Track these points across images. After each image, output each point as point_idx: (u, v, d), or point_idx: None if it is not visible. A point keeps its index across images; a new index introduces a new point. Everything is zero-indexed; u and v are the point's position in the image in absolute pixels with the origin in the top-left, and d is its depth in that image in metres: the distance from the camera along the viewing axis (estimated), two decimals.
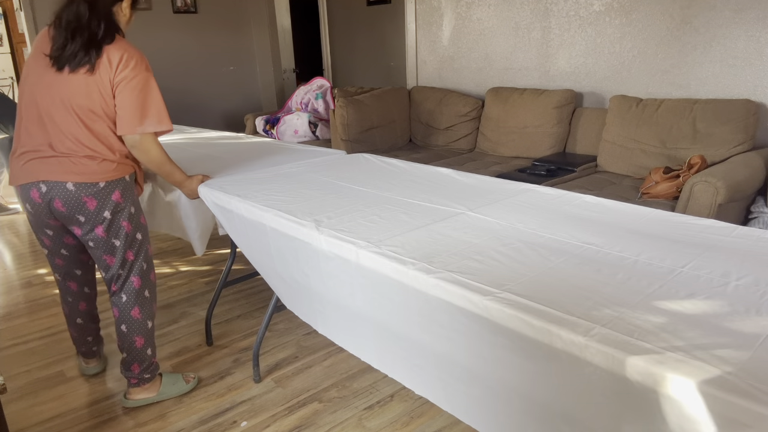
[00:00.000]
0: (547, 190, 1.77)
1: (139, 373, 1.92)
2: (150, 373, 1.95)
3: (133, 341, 1.88)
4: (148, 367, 1.93)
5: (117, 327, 1.87)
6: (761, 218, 2.50)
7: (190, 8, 5.43)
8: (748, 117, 2.75)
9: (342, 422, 1.85)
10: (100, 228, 1.75)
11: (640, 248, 1.29)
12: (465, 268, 1.21)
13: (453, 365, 1.22)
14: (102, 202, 1.73)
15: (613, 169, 3.22)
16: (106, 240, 1.77)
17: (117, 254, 1.80)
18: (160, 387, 1.98)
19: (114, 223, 1.77)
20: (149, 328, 1.91)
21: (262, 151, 2.58)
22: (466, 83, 4.32)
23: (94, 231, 1.75)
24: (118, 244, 1.79)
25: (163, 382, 2.00)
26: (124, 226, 1.79)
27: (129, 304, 1.85)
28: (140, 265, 1.86)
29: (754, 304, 1.02)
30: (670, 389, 0.84)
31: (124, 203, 1.78)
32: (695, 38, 3.01)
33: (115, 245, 1.79)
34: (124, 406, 1.96)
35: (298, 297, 1.73)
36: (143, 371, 1.92)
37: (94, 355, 2.15)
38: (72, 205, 1.70)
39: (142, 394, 1.95)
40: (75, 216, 1.72)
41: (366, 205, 1.69)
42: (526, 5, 3.76)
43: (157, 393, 1.97)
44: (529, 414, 1.10)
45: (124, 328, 1.86)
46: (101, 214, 1.73)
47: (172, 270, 3.18)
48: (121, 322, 1.86)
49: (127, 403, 1.96)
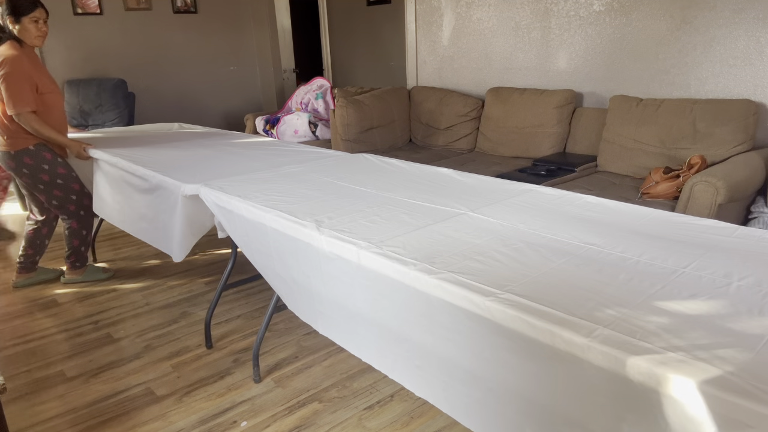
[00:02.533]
0: (549, 190, 1.77)
1: (74, 260, 2.98)
2: (80, 263, 3.01)
3: (72, 242, 2.92)
4: (79, 259, 2.99)
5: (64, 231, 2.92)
6: (761, 218, 2.50)
7: (190, 8, 5.43)
8: (748, 117, 2.75)
9: (342, 422, 1.85)
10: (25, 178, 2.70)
11: (642, 249, 1.29)
12: (466, 268, 1.21)
13: (454, 366, 1.22)
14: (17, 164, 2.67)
15: (613, 169, 3.22)
16: (34, 186, 2.73)
17: (45, 194, 2.75)
18: (84, 273, 3.03)
19: (33, 176, 2.69)
20: (84, 234, 2.93)
21: (262, 151, 2.58)
22: (466, 83, 4.32)
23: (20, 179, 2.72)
24: (42, 187, 2.73)
25: (88, 270, 3.05)
26: (42, 177, 2.70)
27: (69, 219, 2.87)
28: (67, 196, 2.79)
29: (756, 304, 1.02)
30: (672, 390, 0.84)
31: (35, 164, 2.67)
32: (695, 38, 3.01)
33: (41, 188, 2.73)
34: (63, 283, 3.01)
35: (298, 297, 1.73)
36: (76, 261, 2.98)
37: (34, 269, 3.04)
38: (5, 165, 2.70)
39: (73, 275, 3.02)
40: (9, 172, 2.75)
41: (367, 205, 1.69)
42: (526, 5, 3.76)
43: (82, 276, 3.03)
44: (530, 415, 1.09)
45: (67, 232, 2.90)
46: (21, 170, 2.67)
47: (172, 270, 3.18)
48: (65, 230, 2.89)
49: (65, 280, 3.02)
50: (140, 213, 2.36)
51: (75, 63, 4.91)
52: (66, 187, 2.77)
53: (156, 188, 2.19)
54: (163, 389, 2.07)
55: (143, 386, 2.09)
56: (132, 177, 2.34)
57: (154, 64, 5.38)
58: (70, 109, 4.70)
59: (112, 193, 2.57)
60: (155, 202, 2.22)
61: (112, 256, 3.42)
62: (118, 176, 2.47)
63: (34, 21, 2.53)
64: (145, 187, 2.26)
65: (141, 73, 5.30)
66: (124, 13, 5.09)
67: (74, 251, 2.95)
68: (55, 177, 2.73)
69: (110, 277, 3.09)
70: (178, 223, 2.07)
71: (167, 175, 2.12)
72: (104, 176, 2.61)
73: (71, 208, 2.82)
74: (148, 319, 2.61)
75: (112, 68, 5.13)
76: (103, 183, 2.64)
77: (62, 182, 2.75)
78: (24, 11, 2.51)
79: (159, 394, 2.04)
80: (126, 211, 2.48)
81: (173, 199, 2.07)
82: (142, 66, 5.30)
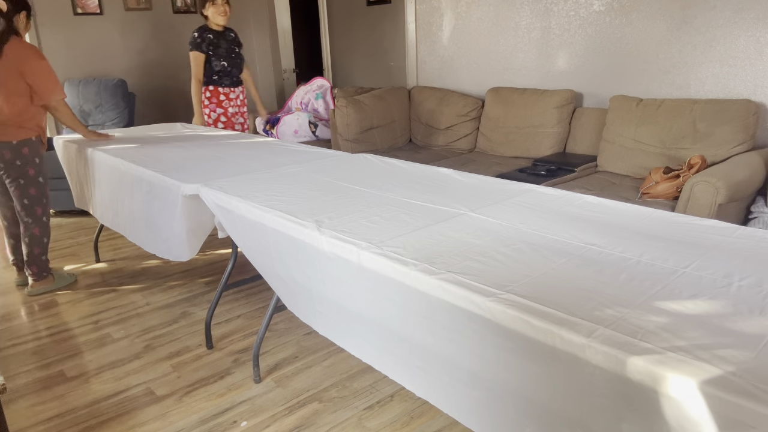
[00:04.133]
0: (549, 190, 1.77)
1: (37, 272, 2.87)
2: (46, 272, 2.91)
3: (32, 250, 2.83)
4: (42, 268, 2.89)
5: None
6: (761, 218, 2.50)
7: (190, 8, 5.43)
8: (748, 117, 2.75)
9: (342, 422, 1.85)
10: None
11: (643, 249, 1.29)
12: (467, 269, 1.21)
13: (454, 367, 1.22)
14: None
15: (613, 169, 3.22)
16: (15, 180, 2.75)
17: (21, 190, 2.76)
18: (54, 281, 2.94)
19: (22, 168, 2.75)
20: (45, 242, 2.86)
21: (262, 151, 2.58)
22: (466, 83, 4.32)
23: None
24: (23, 182, 2.75)
25: (56, 278, 2.96)
26: (29, 171, 2.75)
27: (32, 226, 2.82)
28: (39, 198, 2.80)
29: (757, 304, 1.02)
30: (673, 390, 0.84)
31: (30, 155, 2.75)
32: (695, 38, 3.01)
33: (20, 183, 2.75)
34: (28, 295, 2.89)
35: (298, 298, 1.72)
36: (40, 270, 2.88)
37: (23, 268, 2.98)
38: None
39: (40, 286, 2.91)
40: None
41: (367, 205, 1.69)
42: (526, 5, 3.76)
43: (53, 284, 2.94)
44: (530, 415, 1.09)
45: (27, 239, 2.82)
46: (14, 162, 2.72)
47: (172, 270, 3.18)
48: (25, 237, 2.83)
49: (30, 292, 2.89)
50: (136, 214, 2.35)
51: (75, 63, 4.90)
52: (42, 187, 2.83)
53: (155, 188, 2.19)
54: (163, 389, 2.07)
55: (143, 386, 2.09)
56: (131, 177, 2.34)
57: (154, 64, 5.37)
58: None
59: (111, 195, 2.57)
60: (155, 203, 2.22)
61: (112, 256, 3.42)
62: (116, 176, 2.47)
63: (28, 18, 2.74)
64: (145, 186, 2.26)
65: (141, 73, 5.29)
66: (124, 13, 5.08)
67: (35, 260, 2.85)
68: (38, 174, 2.80)
69: (75, 280, 3.06)
70: (179, 223, 2.07)
71: (167, 175, 2.12)
72: (103, 177, 2.61)
73: (38, 211, 2.82)
74: (148, 319, 2.61)
75: (112, 68, 5.13)
76: (102, 184, 2.64)
77: (42, 181, 2.82)
78: (29, 9, 2.73)
79: (159, 394, 2.04)
80: (125, 214, 2.48)
81: (173, 199, 2.07)
82: (142, 66, 5.29)
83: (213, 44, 3.63)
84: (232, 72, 3.74)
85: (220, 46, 3.65)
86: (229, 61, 3.70)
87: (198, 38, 3.61)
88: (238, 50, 3.78)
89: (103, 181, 2.62)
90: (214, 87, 3.70)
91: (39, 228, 2.83)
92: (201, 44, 3.60)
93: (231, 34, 3.76)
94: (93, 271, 3.20)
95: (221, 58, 3.66)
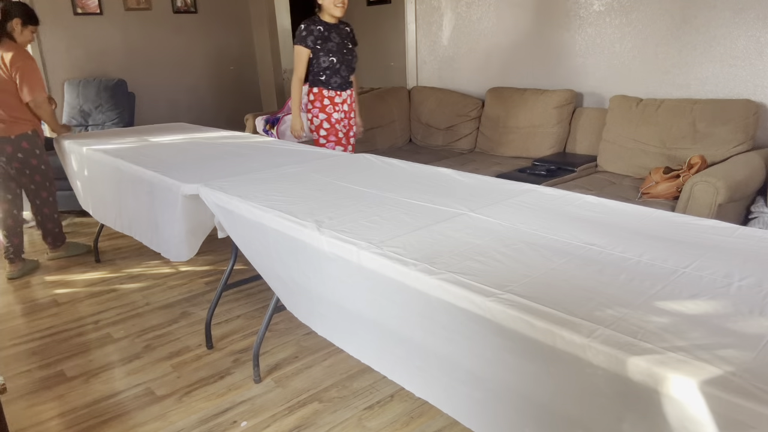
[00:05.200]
0: (549, 190, 1.77)
1: (53, 242, 3.32)
2: (60, 241, 3.35)
3: (46, 226, 3.26)
4: (57, 238, 3.34)
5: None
6: (761, 218, 2.50)
7: (190, 8, 5.43)
8: (748, 117, 2.75)
9: (342, 422, 1.85)
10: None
11: (643, 249, 1.29)
12: (467, 269, 1.21)
13: (454, 367, 1.22)
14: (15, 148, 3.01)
15: (613, 169, 3.22)
16: (21, 170, 3.05)
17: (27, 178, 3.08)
18: (68, 249, 3.39)
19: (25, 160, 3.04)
20: (55, 218, 3.28)
21: (263, 151, 2.57)
22: (466, 83, 4.32)
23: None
24: (28, 172, 3.06)
25: (69, 246, 3.40)
26: (32, 161, 3.05)
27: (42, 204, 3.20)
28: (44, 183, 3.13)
29: (757, 304, 1.02)
30: (673, 390, 0.84)
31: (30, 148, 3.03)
32: (695, 38, 3.01)
33: (26, 173, 3.06)
34: (48, 260, 3.36)
35: (298, 298, 1.72)
36: (55, 241, 3.33)
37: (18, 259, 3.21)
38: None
39: (56, 253, 3.37)
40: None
41: (367, 205, 1.69)
42: (526, 5, 3.76)
43: (66, 251, 3.38)
44: (530, 415, 1.09)
45: (39, 218, 3.23)
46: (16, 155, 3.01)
47: (172, 270, 3.18)
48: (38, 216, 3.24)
49: (50, 257, 3.37)
50: (138, 213, 2.36)
51: (75, 63, 4.90)
52: (45, 173, 3.12)
53: (155, 188, 2.19)
54: (163, 389, 2.06)
55: (143, 386, 2.09)
56: (132, 177, 2.34)
57: (154, 64, 5.37)
58: (70, 109, 4.70)
59: (110, 194, 2.57)
60: (155, 203, 2.22)
61: (112, 256, 3.42)
62: (117, 176, 2.47)
63: (32, 32, 3.02)
64: (145, 187, 2.26)
65: (141, 73, 5.29)
66: (124, 13, 5.08)
67: (49, 233, 3.29)
68: (41, 163, 3.10)
69: (89, 249, 3.47)
70: (179, 223, 2.07)
71: (167, 174, 2.12)
72: (105, 178, 2.61)
73: (44, 194, 3.15)
74: (148, 319, 2.61)
75: (112, 68, 5.13)
76: (104, 185, 2.64)
77: (45, 168, 3.12)
78: (33, 22, 3.00)
79: (159, 394, 2.03)
80: (123, 212, 2.48)
81: (173, 199, 2.07)
82: (142, 66, 5.29)
83: (322, 38, 3.12)
84: (341, 71, 3.19)
85: (331, 40, 3.13)
86: (339, 58, 3.15)
87: (304, 31, 3.11)
88: (351, 47, 3.24)
89: (105, 181, 2.62)
90: (319, 89, 3.17)
91: (48, 208, 3.21)
92: (306, 38, 3.10)
93: (346, 28, 3.25)
94: (93, 271, 3.20)
95: (330, 53, 3.12)
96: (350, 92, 3.28)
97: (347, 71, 3.21)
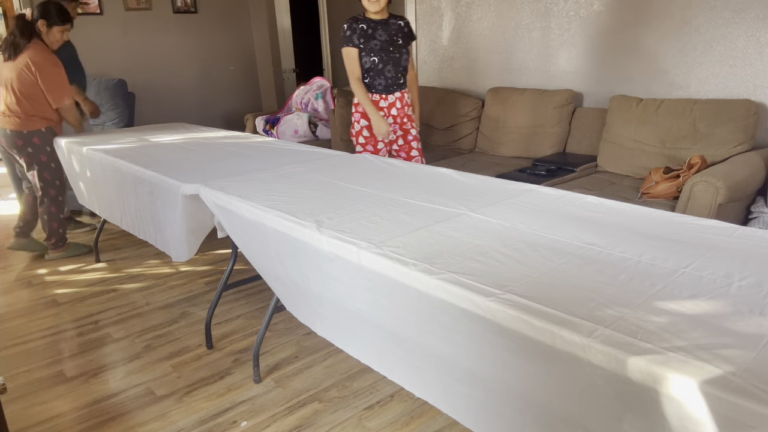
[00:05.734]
0: (549, 190, 1.77)
1: (55, 242, 3.34)
2: (62, 242, 3.37)
3: (51, 225, 3.28)
4: (60, 239, 3.36)
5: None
6: (761, 218, 2.50)
7: (190, 8, 5.43)
8: (748, 117, 2.75)
9: (342, 422, 1.85)
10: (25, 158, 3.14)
11: (643, 249, 1.29)
12: (467, 269, 1.21)
13: (454, 367, 1.22)
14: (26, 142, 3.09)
15: (613, 169, 3.22)
16: (31, 164, 3.14)
17: (37, 173, 3.15)
18: (68, 249, 3.40)
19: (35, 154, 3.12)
20: (61, 218, 3.30)
21: (263, 151, 2.57)
22: (466, 83, 4.32)
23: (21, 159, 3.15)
24: (38, 167, 3.13)
25: (69, 247, 3.41)
26: (41, 157, 3.12)
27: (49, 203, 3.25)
28: (53, 181, 3.19)
29: (757, 304, 1.02)
30: (673, 390, 0.84)
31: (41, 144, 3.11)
32: (695, 38, 3.01)
33: (35, 168, 3.13)
34: (47, 260, 3.38)
35: (298, 298, 1.72)
36: (58, 241, 3.35)
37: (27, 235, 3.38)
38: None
39: (56, 254, 3.38)
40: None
41: (367, 205, 1.69)
42: (526, 5, 3.76)
43: (66, 252, 3.39)
44: (530, 415, 1.09)
45: (46, 217, 3.26)
46: (26, 149, 3.10)
47: (172, 270, 3.18)
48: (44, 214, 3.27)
49: (49, 257, 3.37)
50: (141, 213, 2.36)
51: None
52: (54, 172, 3.20)
53: (156, 188, 2.19)
54: (163, 389, 2.07)
55: (143, 386, 2.09)
56: (132, 177, 2.34)
57: (154, 64, 5.37)
58: None
59: (113, 194, 2.57)
60: (156, 203, 2.22)
61: (112, 256, 3.42)
62: (118, 176, 2.47)
63: (61, 32, 3.07)
64: (146, 187, 2.26)
65: (141, 73, 5.29)
66: (124, 13, 5.08)
67: (54, 233, 3.32)
68: (50, 160, 3.17)
69: (90, 250, 3.47)
70: (179, 223, 2.07)
71: (167, 174, 2.12)
72: (108, 178, 2.61)
73: (52, 192, 3.22)
74: (148, 319, 2.61)
75: (112, 68, 5.13)
76: (107, 184, 2.64)
77: (55, 167, 3.19)
78: (56, 22, 3.03)
79: (159, 394, 2.04)
80: (127, 211, 2.48)
81: (173, 199, 2.07)
82: (142, 66, 5.29)
83: (365, 35, 2.87)
84: (386, 71, 2.91)
85: (374, 38, 2.87)
86: (382, 57, 2.89)
87: (348, 30, 2.89)
88: (401, 42, 2.93)
89: (107, 181, 2.62)
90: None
91: (55, 206, 3.26)
92: (351, 37, 2.88)
93: (399, 23, 2.94)
94: (93, 271, 3.20)
95: (372, 53, 2.88)
96: (401, 94, 2.99)
97: (394, 71, 2.94)
